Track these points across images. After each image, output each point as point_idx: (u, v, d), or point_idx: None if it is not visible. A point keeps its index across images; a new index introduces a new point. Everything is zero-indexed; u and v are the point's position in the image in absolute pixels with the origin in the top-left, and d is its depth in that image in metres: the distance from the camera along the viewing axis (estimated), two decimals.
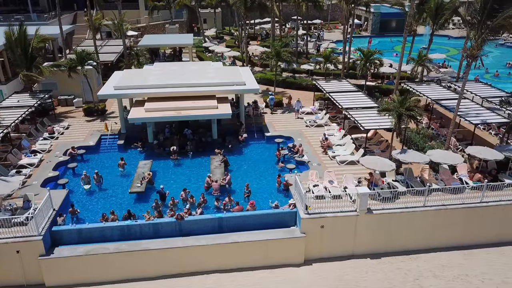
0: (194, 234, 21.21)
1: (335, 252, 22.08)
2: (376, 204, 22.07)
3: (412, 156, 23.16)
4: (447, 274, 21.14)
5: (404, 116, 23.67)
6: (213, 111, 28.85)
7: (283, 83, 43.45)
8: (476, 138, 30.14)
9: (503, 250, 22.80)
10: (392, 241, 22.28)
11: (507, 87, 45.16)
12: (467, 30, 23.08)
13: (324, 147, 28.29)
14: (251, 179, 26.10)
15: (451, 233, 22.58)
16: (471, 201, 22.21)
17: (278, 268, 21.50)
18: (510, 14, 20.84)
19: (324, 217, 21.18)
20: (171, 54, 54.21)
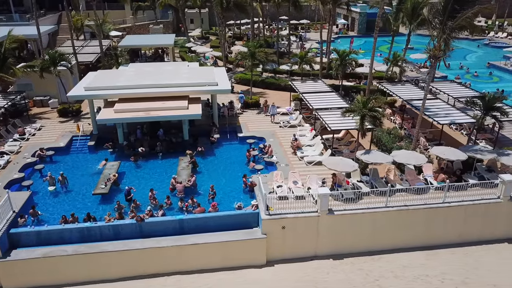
0: (155, 236, 21.09)
1: (298, 253, 22.02)
2: (339, 205, 22.05)
3: (375, 157, 23.15)
4: (408, 274, 21.14)
5: (367, 116, 23.65)
6: (182, 112, 28.76)
7: (262, 84, 43.49)
8: (448, 138, 30.27)
9: (466, 250, 22.81)
10: (355, 242, 22.24)
11: (485, 87, 45.39)
12: (430, 31, 23.09)
13: (293, 148, 28.27)
14: (220, 180, 26.10)
15: (414, 234, 22.57)
16: (433, 202, 22.24)
17: (239, 269, 21.43)
18: (469, 15, 20.86)
19: (285, 218, 21.13)
20: (153, 54, 54.01)
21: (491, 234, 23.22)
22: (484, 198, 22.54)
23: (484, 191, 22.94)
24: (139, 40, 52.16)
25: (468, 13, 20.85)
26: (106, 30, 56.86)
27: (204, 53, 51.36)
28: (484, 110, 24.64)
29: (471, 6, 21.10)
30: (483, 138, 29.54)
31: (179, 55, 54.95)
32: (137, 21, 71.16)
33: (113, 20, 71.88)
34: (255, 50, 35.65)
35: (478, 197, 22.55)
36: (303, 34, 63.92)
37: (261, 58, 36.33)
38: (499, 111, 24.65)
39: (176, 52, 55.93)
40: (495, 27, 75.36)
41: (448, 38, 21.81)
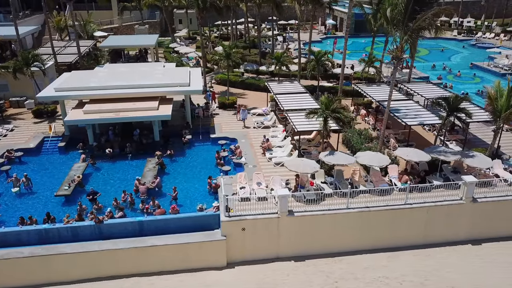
0: (115, 238, 21.00)
1: (259, 255, 21.94)
2: (300, 206, 22.01)
3: (337, 158, 23.09)
4: (368, 276, 21.09)
5: (330, 118, 23.60)
6: (152, 113, 28.67)
7: (242, 84, 43.44)
8: (420, 139, 30.23)
9: (429, 252, 22.75)
10: (316, 243, 22.17)
11: (467, 87, 45.41)
12: (392, 32, 23.02)
13: (263, 149, 28.20)
14: (187, 182, 26.05)
15: (376, 235, 22.51)
16: (395, 203, 22.18)
17: (200, 271, 21.37)
18: (428, 16, 20.78)
19: (245, 220, 21.07)
20: (136, 55, 53.88)
21: (455, 235, 23.18)
22: (447, 199, 22.52)
23: (447, 192, 22.96)
24: (122, 41, 52.01)
25: (428, 14, 20.79)
26: (90, 30, 56.82)
27: (187, 54, 51.24)
28: (449, 111, 24.59)
29: (431, 7, 21.03)
30: (454, 139, 29.51)
31: (163, 55, 54.86)
32: (124, 21, 71.00)
33: (100, 21, 71.99)
34: (231, 51, 35.54)
35: (441, 198, 22.53)
36: (287, 35, 63.77)
37: (236, 59, 36.24)
38: (463, 112, 24.58)
39: (160, 52, 55.87)
40: (482, 27, 75.40)
41: (409, 39, 21.74)
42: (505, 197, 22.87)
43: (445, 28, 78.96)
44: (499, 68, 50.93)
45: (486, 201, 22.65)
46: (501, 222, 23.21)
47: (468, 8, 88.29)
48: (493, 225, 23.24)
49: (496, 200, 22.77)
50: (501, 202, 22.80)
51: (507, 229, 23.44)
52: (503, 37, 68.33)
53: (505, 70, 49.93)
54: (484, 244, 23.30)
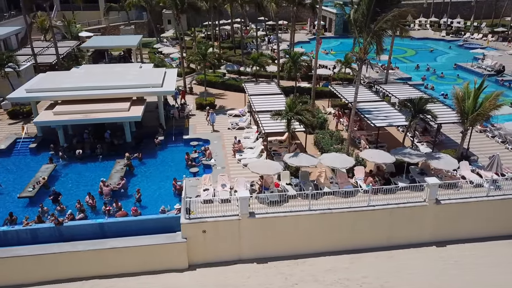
0: (76, 240, 20.94)
1: (221, 257, 21.88)
2: (263, 208, 21.97)
3: (301, 160, 23.04)
4: (328, 278, 21.05)
5: (293, 119, 23.57)
6: (122, 114, 28.61)
7: (222, 85, 43.37)
8: (393, 141, 30.20)
9: (392, 253, 22.72)
10: (279, 245, 22.12)
11: (449, 88, 45.30)
12: (355, 33, 22.96)
13: (234, 150, 28.15)
14: (154, 183, 25.98)
15: (339, 237, 22.49)
16: (358, 205, 22.14)
17: (161, 274, 21.31)
18: (389, 18, 20.73)
19: (205, 222, 21.02)
20: (120, 55, 53.79)
21: (419, 237, 23.14)
22: (410, 201, 22.49)
23: (411, 194, 22.94)
24: (104, 41, 51.88)
25: (388, 16, 20.74)
26: (74, 31, 56.72)
27: (170, 54, 51.18)
28: (415, 113, 24.55)
29: (392, 8, 20.98)
30: (425, 141, 29.48)
31: (148, 56, 54.75)
32: (111, 22, 70.87)
33: (88, 21, 71.93)
34: (207, 52, 35.48)
35: (404, 200, 22.49)
36: (271, 37, 63.65)
37: (212, 60, 36.18)
38: (428, 114, 24.55)
39: (146, 53, 55.78)
40: (470, 28, 75.43)
41: (372, 41, 21.70)
42: (469, 198, 22.85)
43: (434, 28, 79.43)
44: (482, 69, 50.89)
45: (450, 203, 22.62)
46: (465, 223, 23.18)
47: (459, 8, 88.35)
48: (457, 227, 23.20)
49: (460, 201, 22.74)
50: (465, 203, 22.77)
51: (472, 231, 23.39)
52: (490, 38, 68.39)
53: (488, 71, 49.90)
54: (449, 246, 23.27)
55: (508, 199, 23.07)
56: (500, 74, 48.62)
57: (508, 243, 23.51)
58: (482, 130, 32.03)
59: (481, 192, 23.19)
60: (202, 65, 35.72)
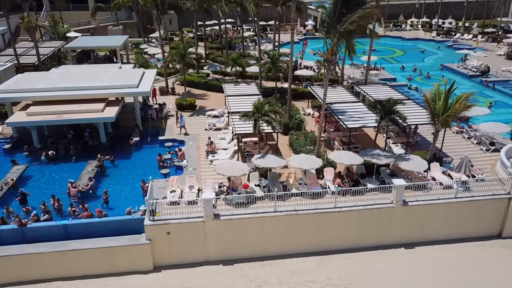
0: (40, 241, 20.85)
1: (187, 259, 21.81)
2: (229, 210, 21.89)
3: (268, 161, 22.97)
4: (293, 280, 20.98)
5: (260, 120, 23.49)
6: (96, 115, 28.52)
7: (205, 85, 43.29)
8: (370, 142, 30.06)
9: (360, 255, 22.64)
10: (245, 247, 22.06)
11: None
12: (323, 34, 22.88)
13: (206, 151, 28.07)
14: (126, 184, 25.90)
15: (306, 239, 22.40)
16: (324, 206, 22.06)
17: (125, 275, 21.24)
18: (354, 19, 20.64)
19: (169, 224, 20.94)
20: (106, 56, 53.71)
21: (388, 239, 23.06)
22: (377, 203, 22.41)
23: (379, 195, 22.87)
24: (89, 42, 51.78)
25: (353, 16, 20.64)
26: (61, 31, 56.59)
27: (155, 54, 51.11)
28: (383, 114, 24.47)
29: (357, 9, 20.87)
30: (400, 142, 29.39)
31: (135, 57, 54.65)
32: (100, 22, 70.71)
33: (78, 21, 71.80)
34: (185, 52, 35.40)
35: (371, 201, 22.42)
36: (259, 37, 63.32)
37: (190, 61, 36.11)
38: (397, 115, 24.47)
39: (132, 54, 55.73)
40: (461, 28, 75.36)
41: (338, 42, 21.62)
42: (437, 200, 22.78)
43: (425, 29, 79.32)
44: (468, 69, 50.81)
45: (417, 205, 22.55)
46: (434, 225, 23.11)
47: (451, 9, 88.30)
48: (426, 229, 23.14)
49: (428, 203, 22.67)
50: (433, 205, 22.69)
51: (440, 232, 23.31)
52: (480, 39, 68.30)
53: (473, 71, 49.83)
54: (418, 247, 23.20)
55: (476, 200, 23.01)
56: (485, 75, 48.53)
57: (477, 244, 23.44)
58: (459, 131, 31.96)
59: (449, 194, 23.12)
60: (181, 65, 35.50)
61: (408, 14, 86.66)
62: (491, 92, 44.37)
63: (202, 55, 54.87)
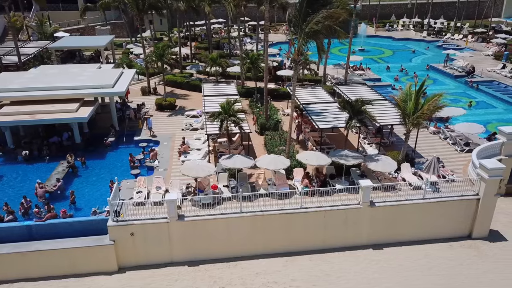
0: (4, 242, 20.76)
1: (152, 259, 21.72)
2: (195, 211, 21.79)
3: (235, 162, 22.87)
4: (257, 281, 20.87)
5: (227, 121, 23.39)
6: (68, 115, 28.43)
7: (187, 85, 43.22)
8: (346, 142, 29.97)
9: (326, 256, 22.51)
10: (211, 248, 21.94)
11: None
12: (290, 35, 22.75)
13: (179, 152, 27.97)
14: (96, 185, 25.81)
15: (273, 240, 22.29)
16: (290, 207, 21.95)
17: (90, 276, 21.15)
18: (319, 19, 20.51)
19: (133, 225, 20.84)
20: (91, 55, 53.65)
21: (356, 240, 22.96)
22: (344, 203, 22.29)
23: (347, 196, 22.75)
24: (74, 42, 51.68)
25: (317, 17, 20.52)
26: (48, 31, 56.53)
27: (140, 55, 50.98)
28: (352, 115, 24.36)
29: (321, 9, 20.74)
30: (375, 142, 29.28)
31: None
32: (90, 22, 70.64)
33: (68, 21, 71.72)
34: (163, 52, 35.32)
35: (338, 202, 22.30)
36: (244, 39, 63.28)
37: (168, 61, 36.01)
38: (366, 116, 24.36)
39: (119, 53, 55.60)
40: (451, 29, 75.24)
41: (305, 42, 21.50)
42: (405, 201, 22.65)
43: (416, 29, 79.17)
44: (453, 70, 50.70)
45: (385, 205, 22.43)
46: (402, 226, 22.99)
47: (444, 9, 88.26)
48: (394, 230, 23.02)
49: (395, 204, 22.55)
50: (400, 206, 22.57)
51: (409, 233, 23.19)
52: (470, 39, 68.17)
53: (459, 72, 49.72)
54: (386, 249, 23.07)
55: (445, 201, 22.89)
56: (469, 75, 48.42)
57: (446, 245, 23.33)
58: (435, 132, 31.85)
59: (418, 195, 23.01)
60: (160, 65, 35.43)
61: (400, 14, 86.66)
62: (475, 92, 44.31)
63: (188, 54, 54.91)
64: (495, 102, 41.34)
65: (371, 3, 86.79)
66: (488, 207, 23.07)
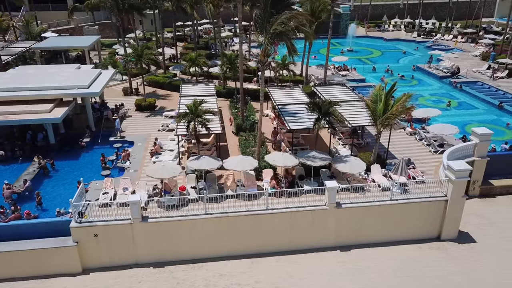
0: None
1: (117, 261, 21.63)
2: (159, 212, 21.72)
3: (201, 163, 22.80)
4: (221, 283, 20.80)
5: (194, 122, 23.31)
6: (42, 116, 28.36)
7: (169, 86, 43.15)
8: (320, 143, 29.86)
9: (293, 258, 22.41)
10: (176, 250, 21.86)
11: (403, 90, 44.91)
12: (256, 36, 22.68)
13: (151, 153, 27.91)
14: (66, 186, 25.73)
15: (239, 241, 22.20)
16: (256, 209, 21.86)
17: (53, 278, 21.07)
18: (283, 20, 20.41)
19: (95, 226, 20.76)
20: (77, 55, 53.61)
21: (324, 241, 22.87)
22: (310, 205, 22.21)
23: (314, 197, 22.66)
24: (58, 42, 51.55)
25: (281, 18, 20.42)
26: (34, 31, 56.44)
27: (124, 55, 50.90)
28: (320, 116, 24.28)
29: (285, 10, 20.66)
30: (350, 143, 29.18)
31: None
32: (79, 22, 70.61)
33: (57, 21, 71.63)
34: (142, 53, 35.25)
35: (304, 203, 22.22)
36: (229, 41, 63.23)
37: (146, 61, 35.94)
38: (334, 117, 24.28)
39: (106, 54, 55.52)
40: (441, 29, 75.16)
41: (270, 44, 21.41)
42: (372, 202, 22.57)
43: (407, 29, 79.04)
44: (439, 70, 50.60)
45: (351, 207, 22.34)
46: (369, 228, 22.89)
47: (436, 9, 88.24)
48: (361, 231, 22.93)
49: (362, 205, 22.46)
50: (367, 207, 22.49)
51: (378, 235, 23.08)
52: (459, 39, 68.06)
53: (444, 72, 49.64)
54: (354, 250, 22.98)
55: (412, 202, 22.81)
56: (454, 76, 48.34)
57: (414, 247, 23.22)
58: (412, 133, 31.78)
59: (386, 196, 22.93)
60: (138, 65, 35.37)
61: (392, 15, 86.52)
62: (458, 93, 44.23)
63: (174, 55, 54.84)
64: (477, 103, 41.26)
65: (363, 3, 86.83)
66: (456, 209, 22.98)
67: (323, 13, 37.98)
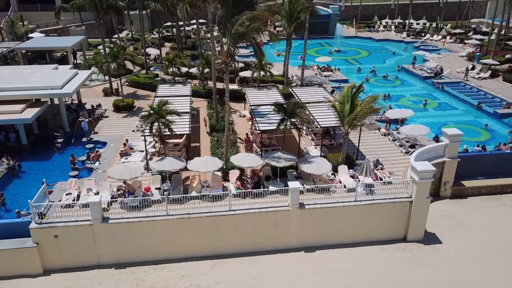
0: None
1: (79, 262, 21.54)
2: (121, 213, 21.64)
3: (164, 164, 22.75)
4: (181, 284, 20.74)
5: (158, 123, 23.26)
6: (12, 116, 28.29)
7: (150, 86, 43.02)
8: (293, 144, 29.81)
9: (257, 259, 22.34)
10: (138, 251, 21.76)
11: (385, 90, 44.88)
12: (220, 37, 22.63)
13: (120, 153, 27.83)
14: (34, 186, 25.60)
15: (202, 242, 22.11)
16: (218, 210, 21.79)
17: (14, 279, 20.99)
18: (243, 21, 20.33)
19: (55, 227, 20.69)
20: (62, 56, 53.54)
21: (288, 243, 22.78)
22: (273, 205, 22.13)
23: (278, 198, 22.59)
24: (42, 42, 51.49)
25: (241, 18, 20.35)
26: (19, 31, 56.37)
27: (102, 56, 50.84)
28: (286, 116, 24.22)
29: (246, 11, 20.58)
30: (323, 144, 29.09)
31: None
32: (68, 22, 70.50)
33: (46, 22, 71.55)
34: (119, 53, 35.18)
35: (267, 204, 22.14)
36: None
37: (122, 62, 35.88)
38: (298, 118, 24.22)
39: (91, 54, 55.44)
40: (430, 29, 75.07)
41: (234, 44, 21.33)
42: (336, 203, 22.48)
43: (397, 30, 78.95)
44: (423, 71, 50.52)
45: (315, 208, 22.26)
46: (334, 228, 22.82)
47: (427, 10, 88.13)
48: (326, 232, 22.85)
49: (326, 206, 22.38)
50: (331, 208, 22.40)
51: (343, 236, 23.01)
52: (448, 39, 67.99)
53: (428, 73, 49.56)
54: (318, 251, 22.89)
55: (377, 203, 22.74)
56: (437, 76, 48.26)
57: (379, 248, 23.14)
58: (386, 134, 31.72)
59: (350, 197, 22.85)
60: (114, 66, 35.30)
61: (383, 15, 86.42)
62: (440, 93, 44.16)
63: (159, 55, 54.75)
64: (457, 103, 41.20)
65: (354, 4, 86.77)
66: (421, 210, 22.90)
67: (302, 14, 37.88)
